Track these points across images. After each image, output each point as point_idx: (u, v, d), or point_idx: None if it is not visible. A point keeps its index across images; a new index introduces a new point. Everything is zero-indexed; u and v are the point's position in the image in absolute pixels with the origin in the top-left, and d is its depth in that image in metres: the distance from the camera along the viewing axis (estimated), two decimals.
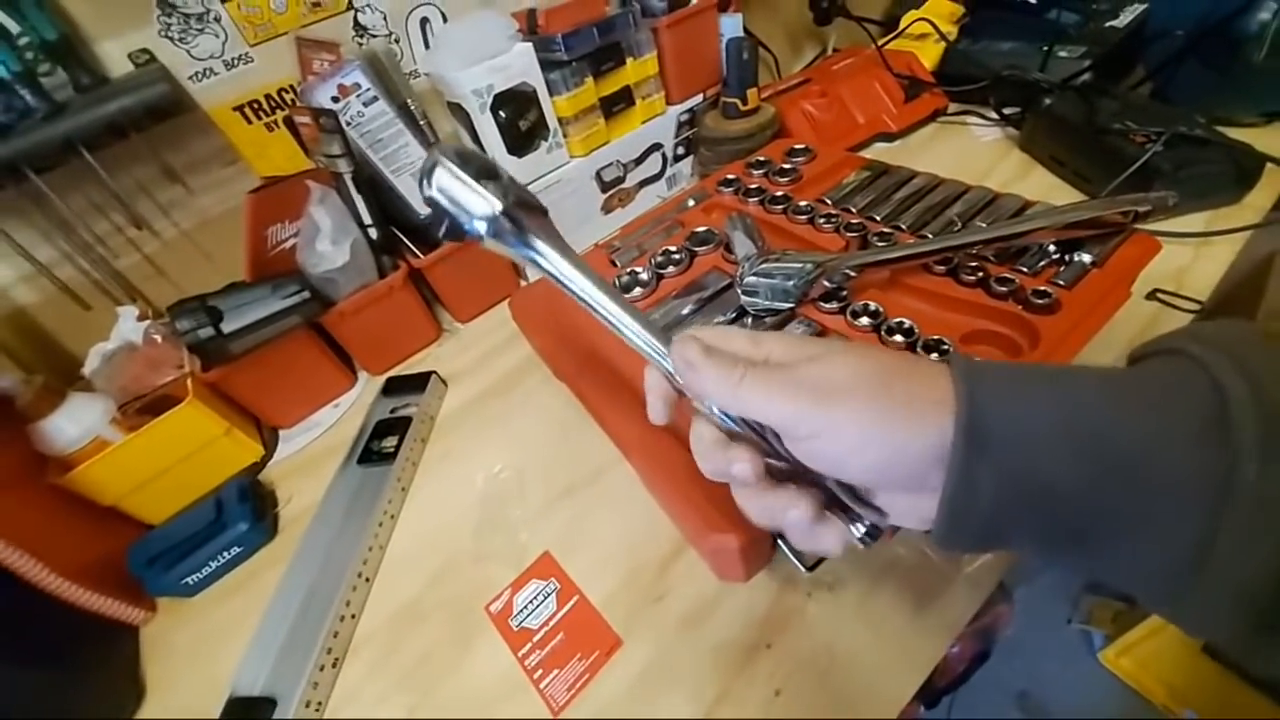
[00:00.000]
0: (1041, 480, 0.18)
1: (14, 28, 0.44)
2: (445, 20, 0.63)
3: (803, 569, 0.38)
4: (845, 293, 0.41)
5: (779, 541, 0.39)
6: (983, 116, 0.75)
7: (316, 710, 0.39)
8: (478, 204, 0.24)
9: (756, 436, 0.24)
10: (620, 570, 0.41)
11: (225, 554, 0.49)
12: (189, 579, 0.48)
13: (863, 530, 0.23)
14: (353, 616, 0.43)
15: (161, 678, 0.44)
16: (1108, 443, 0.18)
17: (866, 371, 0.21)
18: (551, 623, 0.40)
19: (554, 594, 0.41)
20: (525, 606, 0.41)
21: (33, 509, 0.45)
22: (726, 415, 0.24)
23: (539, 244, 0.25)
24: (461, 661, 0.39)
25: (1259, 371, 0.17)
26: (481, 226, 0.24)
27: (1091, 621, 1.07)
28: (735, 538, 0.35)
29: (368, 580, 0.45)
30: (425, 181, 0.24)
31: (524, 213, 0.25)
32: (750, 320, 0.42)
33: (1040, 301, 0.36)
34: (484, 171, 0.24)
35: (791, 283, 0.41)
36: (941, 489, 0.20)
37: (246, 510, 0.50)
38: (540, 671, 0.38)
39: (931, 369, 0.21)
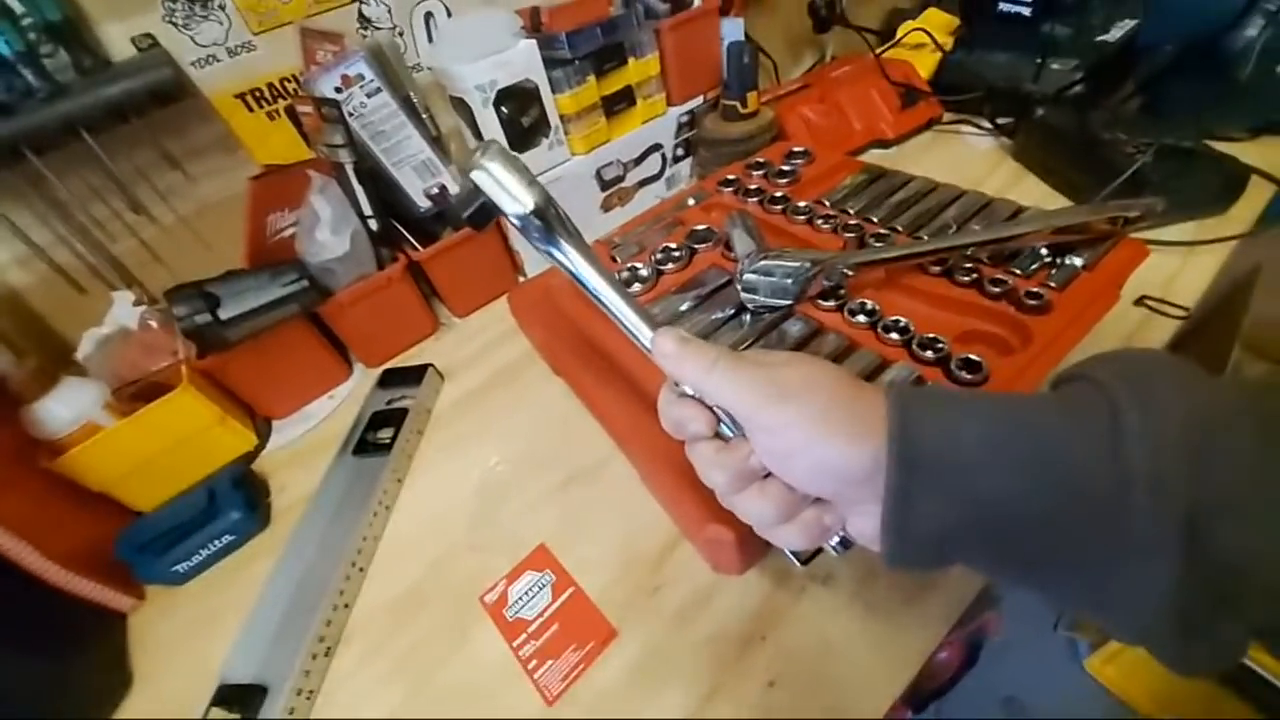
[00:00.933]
0: (976, 495, 0.20)
1: (17, 7, 0.44)
2: (449, 15, 0.63)
3: (797, 563, 0.38)
4: (843, 291, 0.42)
5: None
6: (977, 125, 0.76)
7: (308, 699, 0.38)
8: (521, 192, 0.26)
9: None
10: (616, 562, 0.41)
11: (216, 542, 0.48)
12: (179, 566, 0.47)
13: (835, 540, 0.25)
14: (346, 606, 0.43)
15: (150, 666, 0.43)
16: (1035, 456, 0.19)
17: (821, 382, 0.23)
18: (546, 614, 0.40)
19: (549, 585, 0.41)
20: (520, 598, 0.41)
21: (22, 492, 0.44)
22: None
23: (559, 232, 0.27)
24: (455, 651, 0.39)
25: (1156, 400, 0.19)
26: (525, 207, 0.26)
27: (1078, 629, 1.08)
28: (731, 530, 0.35)
29: (361, 570, 0.45)
30: (482, 158, 0.26)
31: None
32: (749, 316, 0.43)
33: (1033, 302, 0.37)
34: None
35: (790, 280, 0.41)
36: (882, 510, 0.21)
37: (239, 499, 0.49)
38: (535, 662, 0.38)
39: (875, 395, 0.22)
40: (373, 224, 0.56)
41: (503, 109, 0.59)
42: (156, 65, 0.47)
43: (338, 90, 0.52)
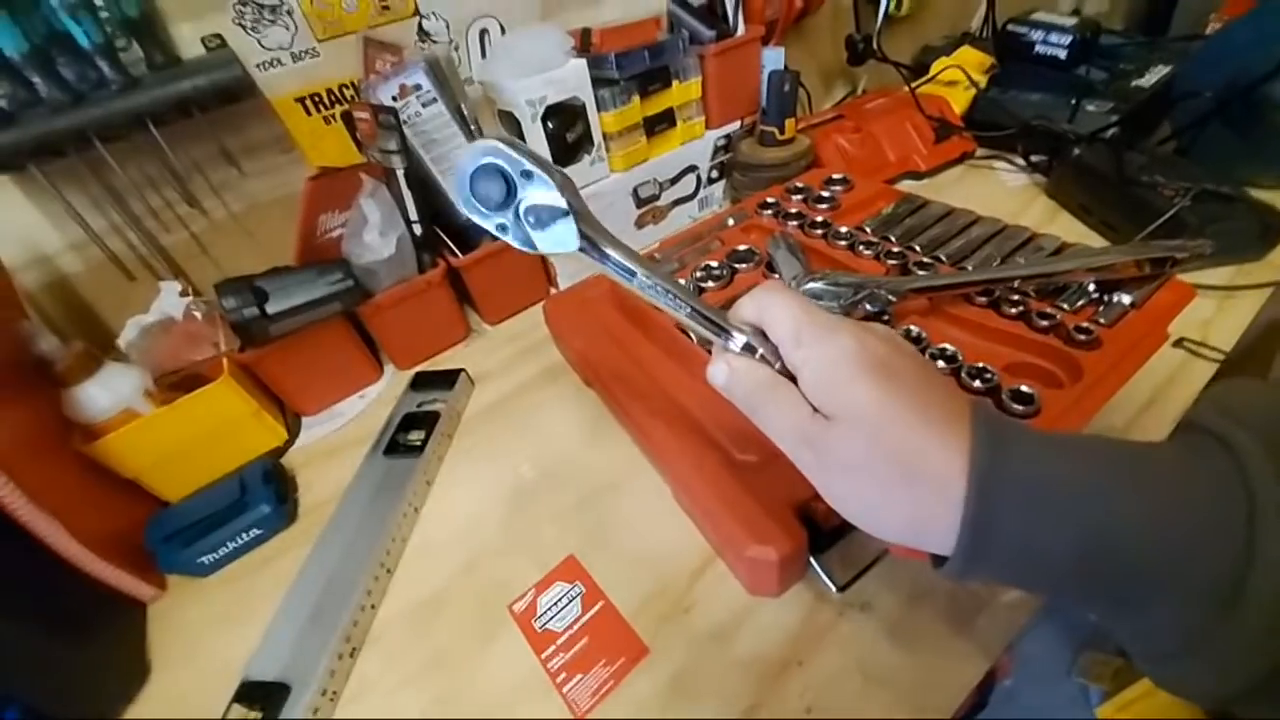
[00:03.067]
0: (1081, 519, 0.19)
1: (98, 1, 0.46)
2: (504, 32, 0.65)
3: (834, 588, 0.38)
4: (887, 317, 0.42)
5: (812, 559, 0.39)
6: (1010, 162, 0.77)
7: (331, 699, 0.38)
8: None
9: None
10: (646, 578, 0.41)
11: (243, 535, 0.48)
12: (205, 558, 0.47)
13: None
14: (372, 607, 0.43)
15: (168, 657, 0.43)
16: (1118, 564, 0.19)
17: (878, 456, 0.21)
18: (576, 626, 0.39)
19: (579, 598, 0.41)
20: (550, 609, 0.41)
21: (55, 473, 0.45)
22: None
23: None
24: (482, 659, 0.39)
25: None
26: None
27: (1090, 677, 1.05)
28: (775, 549, 0.35)
29: (389, 571, 0.45)
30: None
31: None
32: None
33: (1082, 337, 0.37)
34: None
35: (837, 304, 0.42)
36: (956, 541, 0.20)
37: (270, 493, 0.49)
38: (564, 675, 0.37)
39: (944, 438, 0.21)
40: (417, 229, 0.57)
41: (549, 124, 0.60)
42: (224, 65, 0.49)
43: (395, 99, 0.53)
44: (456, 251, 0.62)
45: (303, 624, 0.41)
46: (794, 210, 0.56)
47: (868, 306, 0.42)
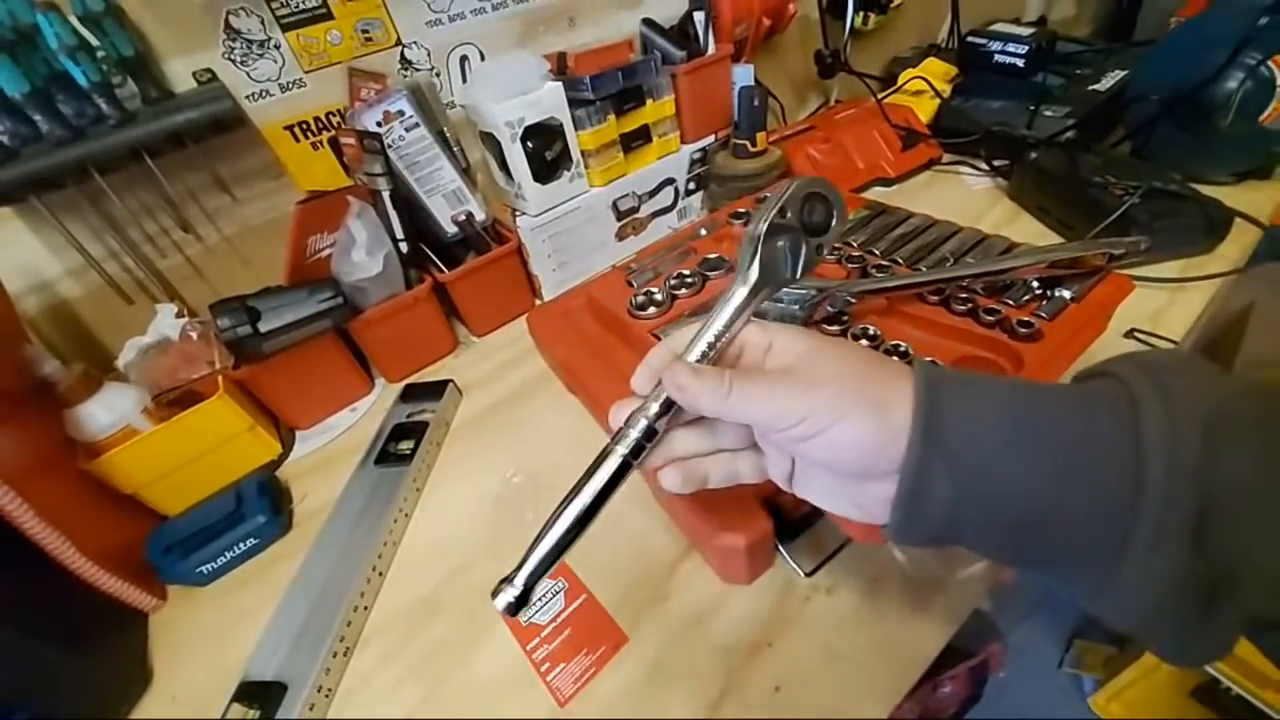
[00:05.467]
0: (992, 481, 0.21)
1: (95, 42, 0.49)
2: (483, 58, 0.69)
3: (801, 573, 0.40)
4: (846, 317, 0.45)
5: (780, 547, 0.41)
6: (974, 167, 0.80)
7: (327, 696, 0.40)
8: None
9: None
10: (627, 571, 0.43)
11: (241, 545, 0.50)
12: (203, 568, 0.49)
13: None
14: (365, 608, 0.44)
15: (170, 664, 0.45)
16: (1055, 448, 0.20)
17: (846, 370, 0.24)
18: (559, 619, 0.41)
19: (562, 592, 0.43)
20: (534, 603, 0.43)
21: (60, 490, 0.47)
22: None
23: None
24: (470, 653, 0.41)
25: (1175, 398, 0.20)
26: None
27: (1083, 666, 1.07)
28: (743, 537, 0.37)
29: (381, 574, 0.47)
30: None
31: None
32: None
33: (1024, 330, 0.39)
34: None
35: (797, 306, 0.44)
36: (898, 482, 0.22)
37: (265, 503, 0.51)
38: (547, 665, 0.39)
39: (899, 371, 0.24)
40: (403, 247, 0.60)
41: (529, 144, 0.63)
42: (216, 98, 0.52)
43: (379, 124, 0.56)
44: (442, 267, 0.64)
45: (299, 625, 0.43)
46: None
47: (829, 308, 0.45)
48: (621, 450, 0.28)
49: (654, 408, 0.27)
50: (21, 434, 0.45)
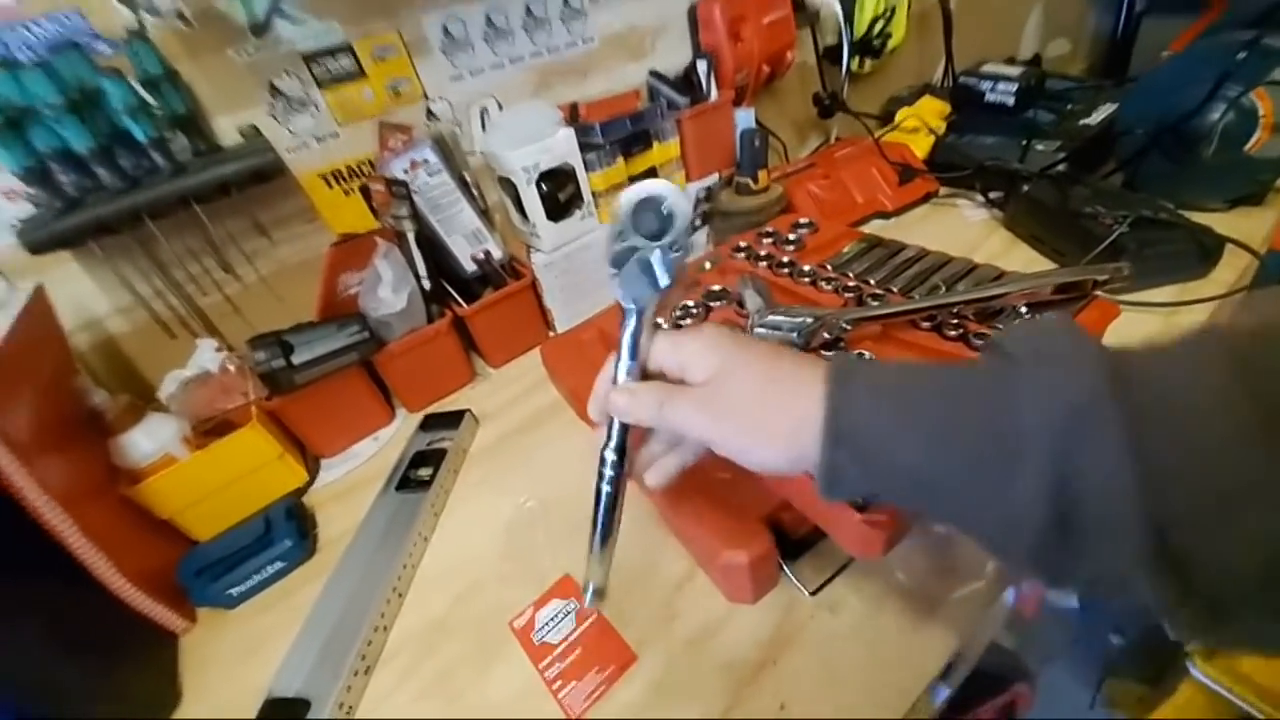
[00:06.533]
0: (887, 458, 0.24)
1: (152, 102, 0.54)
2: (501, 109, 0.74)
3: (806, 592, 0.41)
4: (843, 343, 0.47)
5: (784, 566, 0.42)
6: (970, 199, 0.83)
7: (348, 712, 0.41)
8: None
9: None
10: (636, 592, 0.44)
11: (268, 568, 0.52)
12: (233, 590, 0.51)
13: None
14: (385, 628, 0.46)
15: (198, 683, 0.46)
16: (942, 427, 0.23)
17: (748, 399, 0.27)
18: (570, 638, 0.43)
19: (573, 613, 0.44)
20: (546, 623, 0.44)
21: (103, 513, 0.49)
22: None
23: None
24: (485, 671, 0.42)
25: (1048, 372, 0.22)
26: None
27: (1115, 706, 1.03)
28: (745, 553, 0.38)
29: (400, 595, 0.48)
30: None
31: None
32: None
33: None
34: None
35: (795, 334, 0.46)
36: (816, 475, 0.25)
37: (292, 528, 0.54)
38: (559, 683, 0.40)
39: (806, 380, 0.26)
40: (426, 284, 0.64)
41: (543, 186, 0.68)
42: (260, 150, 0.57)
43: (406, 172, 0.61)
44: (462, 302, 0.68)
45: (322, 645, 0.45)
46: (764, 253, 0.62)
47: (825, 335, 0.47)
48: (608, 473, 0.34)
49: (614, 433, 0.33)
50: (72, 459, 0.48)
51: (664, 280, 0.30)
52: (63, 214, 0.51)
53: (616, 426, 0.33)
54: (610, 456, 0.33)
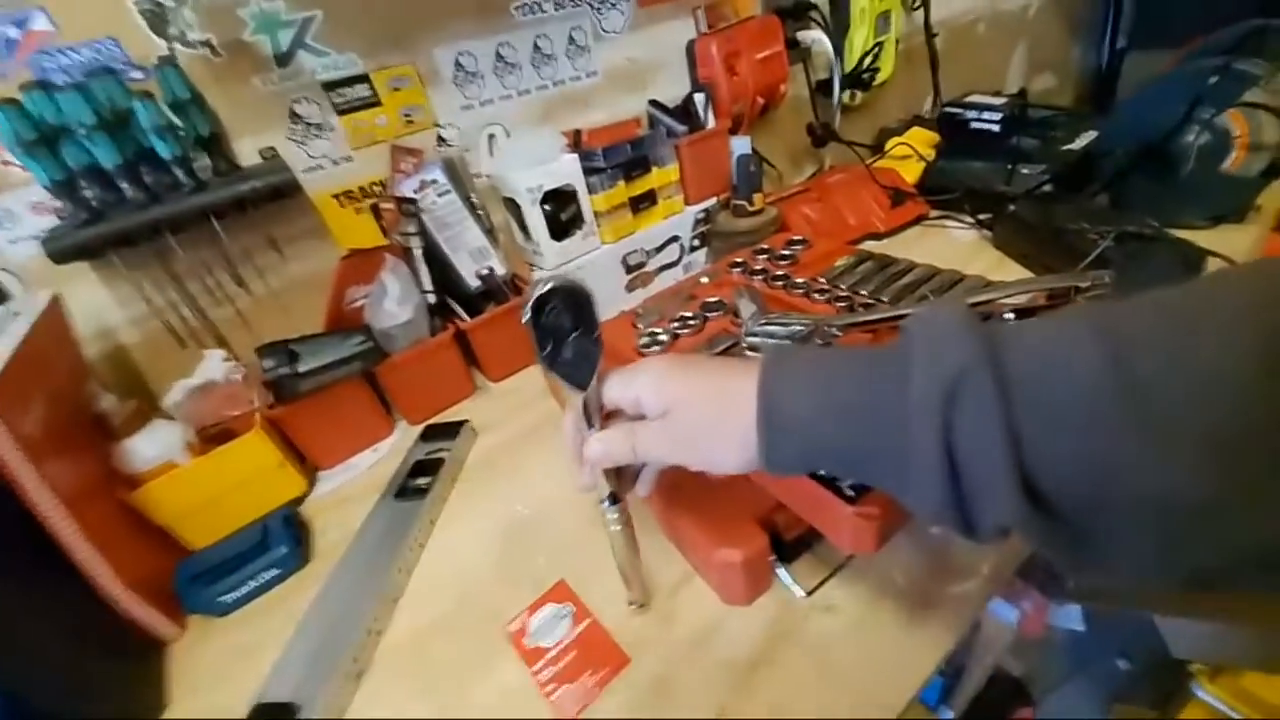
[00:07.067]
0: (815, 441, 0.27)
1: (179, 123, 0.57)
2: (508, 135, 0.77)
3: (801, 593, 0.41)
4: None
5: (780, 569, 0.42)
6: (960, 220, 0.86)
7: (338, 713, 0.40)
8: None
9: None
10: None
11: (262, 575, 0.52)
12: (226, 597, 0.51)
13: None
14: (378, 633, 0.46)
15: (186, 691, 0.46)
16: (853, 407, 0.26)
17: (704, 415, 0.31)
18: (565, 642, 0.42)
19: (569, 616, 0.44)
20: (540, 627, 0.44)
21: (102, 517, 0.50)
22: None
23: None
24: (478, 675, 0.41)
25: (935, 354, 0.23)
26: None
27: None
28: (739, 552, 0.39)
29: (394, 601, 0.48)
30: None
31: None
32: None
33: None
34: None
35: (788, 340, 0.47)
36: (758, 451, 0.29)
37: (289, 535, 0.54)
38: (552, 685, 0.40)
39: (742, 385, 0.29)
40: (430, 298, 0.66)
41: (546, 206, 0.70)
42: (278, 170, 0.59)
43: (415, 192, 0.64)
44: (465, 316, 0.70)
45: (313, 651, 0.44)
46: (759, 267, 0.64)
47: (817, 341, 0.48)
48: (612, 518, 0.38)
49: (601, 485, 0.37)
50: (78, 463, 0.49)
51: (600, 358, 0.33)
52: (86, 225, 0.53)
53: (602, 478, 0.36)
54: (607, 505, 0.37)
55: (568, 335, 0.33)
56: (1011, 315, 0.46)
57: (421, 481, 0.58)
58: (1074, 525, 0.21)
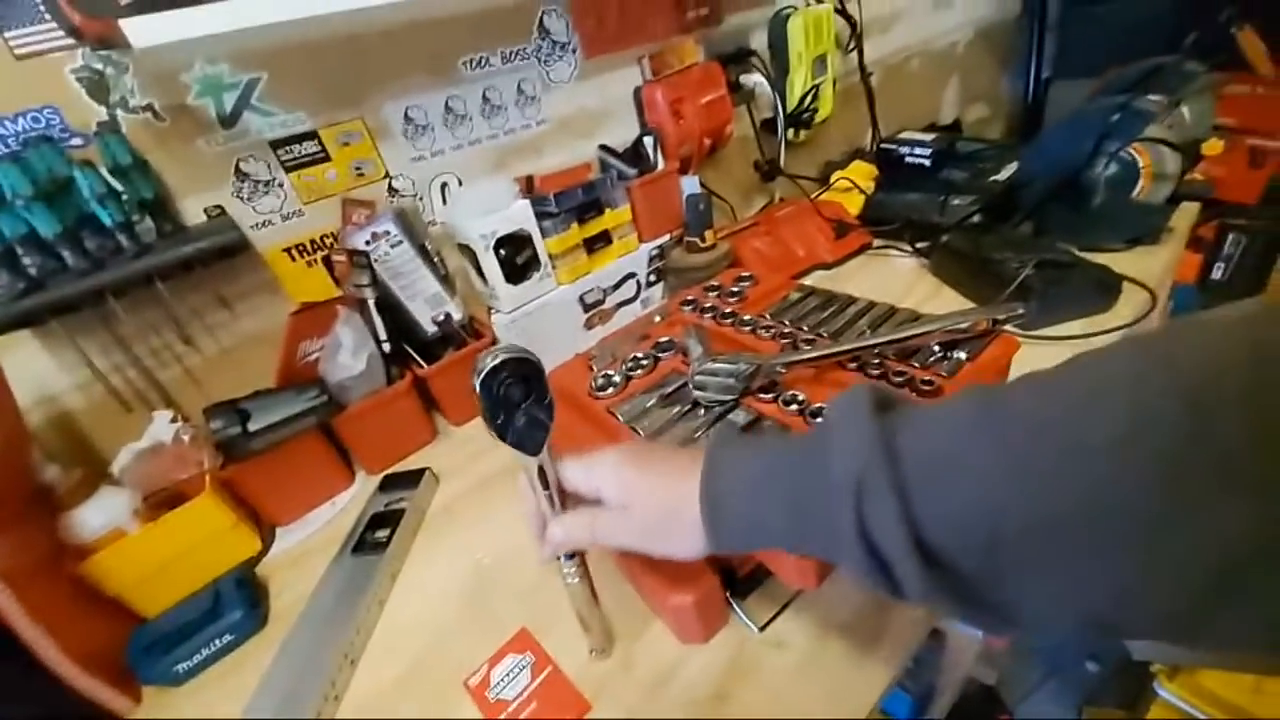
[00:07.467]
0: (752, 525, 0.31)
1: (120, 188, 0.57)
2: (461, 184, 0.79)
3: (754, 629, 0.42)
4: (778, 385, 0.50)
5: (734, 604, 0.44)
6: (901, 249, 0.90)
7: None
8: None
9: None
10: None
11: (217, 641, 0.51)
12: (179, 667, 0.50)
13: None
14: (336, 698, 0.45)
15: None
16: (784, 494, 0.29)
17: (658, 507, 0.34)
18: (525, 693, 0.42)
19: (529, 666, 0.44)
20: (502, 679, 0.44)
21: (48, 592, 0.48)
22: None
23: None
24: None
25: (849, 442, 0.26)
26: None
27: None
28: (690, 595, 0.40)
29: (353, 662, 0.48)
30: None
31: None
32: (702, 410, 0.50)
33: (927, 388, 0.45)
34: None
35: (733, 379, 0.50)
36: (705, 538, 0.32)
37: (242, 598, 0.53)
38: None
39: (695, 472, 0.32)
40: (386, 347, 0.66)
41: (501, 251, 0.72)
42: (223, 229, 0.60)
43: (368, 243, 0.64)
44: (423, 363, 0.70)
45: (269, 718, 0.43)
46: (709, 304, 0.66)
47: (762, 379, 0.50)
48: (569, 571, 0.40)
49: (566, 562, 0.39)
50: (21, 538, 0.47)
51: (549, 423, 0.34)
52: (25, 294, 0.52)
53: (568, 560, 0.39)
54: (564, 560, 0.39)
55: (518, 405, 0.33)
56: (938, 346, 0.50)
57: (380, 534, 0.58)
58: (975, 580, 0.23)
